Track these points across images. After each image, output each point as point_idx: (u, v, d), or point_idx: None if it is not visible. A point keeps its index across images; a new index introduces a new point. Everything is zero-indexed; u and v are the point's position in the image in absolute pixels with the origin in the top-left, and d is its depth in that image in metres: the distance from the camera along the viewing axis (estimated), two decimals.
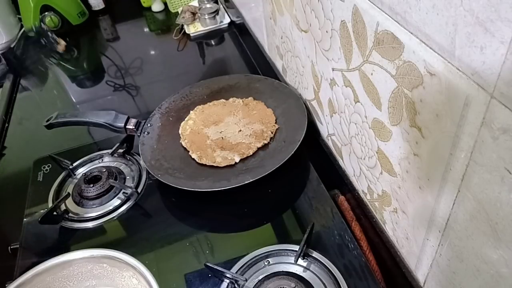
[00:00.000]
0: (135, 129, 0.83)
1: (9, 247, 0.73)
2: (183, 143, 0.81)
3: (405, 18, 0.38)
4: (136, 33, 1.42)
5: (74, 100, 1.15)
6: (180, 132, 0.84)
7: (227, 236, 0.70)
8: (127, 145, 0.85)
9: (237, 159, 0.75)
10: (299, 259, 0.60)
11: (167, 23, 1.41)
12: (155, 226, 0.72)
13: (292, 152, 0.71)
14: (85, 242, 0.71)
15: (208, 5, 1.26)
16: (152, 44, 1.36)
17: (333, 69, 0.60)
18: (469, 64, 0.32)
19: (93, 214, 0.74)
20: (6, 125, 1.07)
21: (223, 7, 1.32)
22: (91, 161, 0.85)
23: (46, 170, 0.85)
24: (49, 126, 0.83)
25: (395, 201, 0.53)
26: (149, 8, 1.47)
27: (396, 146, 0.48)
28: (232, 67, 1.16)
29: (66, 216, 0.75)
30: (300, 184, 0.74)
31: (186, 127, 0.84)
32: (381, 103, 0.48)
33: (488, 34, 0.29)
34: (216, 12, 1.25)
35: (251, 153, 0.76)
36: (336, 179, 0.72)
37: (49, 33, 0.79)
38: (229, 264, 0.61)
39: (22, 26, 1.41)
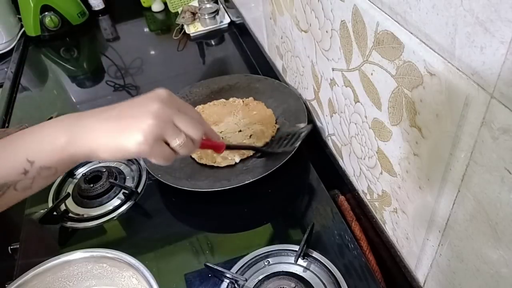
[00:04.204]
0: None
1: (9, 247, 0.73)
2: None
3: (405, 18, 0.38)
4: (136, 33, 1.42)
5: (74, 100, 1.15)
6: None
7: (227, 236, 0.70)
8: None
9: (237, 159, 0.75)
10: (299, 259, 0.60)
11: (167, 23, 1.41)
12: (155, 226, 0.72)
13: (292, 152, 0.71)
14: (85, 242, 0.71)
15: (208, 5, 1.26)
16: (152, 44, 1.36)
17: (333, 69, 0.60)
18: (469, 64, 0.32)
19: (93, 214, 0.74)
20: (6, 125, 1.07)
21: (223, 7, 1.32)
22: (91, 161, 0.85)
23: None
24: None
25: (395, 201, 0.53)
26: (149, 8, 1.47)
27: (396, 146, 0.48)
28: (232, 67, 1.16)
29: (66, 216, 0.75)
30: (300, 184, 0.74)
31: None
32: (381, 103, 0.48)
33: (488, 34, 0.29)
34: (216, 12, 1.24)
35: (252, 153, 0.76)
36: (336, 179, 0.72)
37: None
38: (229, 264, 0.61)
39: (22, 26, 1.41)
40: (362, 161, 0.60)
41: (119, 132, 0.42)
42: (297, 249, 0.60)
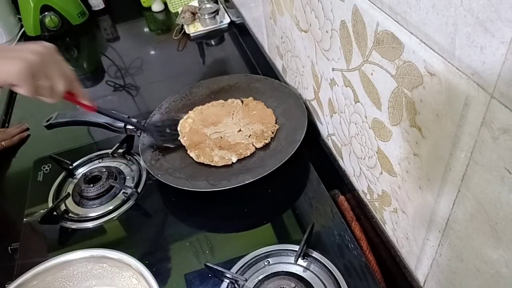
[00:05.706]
0: (135, 129, 0.83)
1: (9, 247, 0.73)
2: (182, 141, 0.81)
3: (405, 18, 0.38)
4: (136, 33, 1.42)
5: None
6: (179, 129, 0.84)
7: (227, 236, 0.70)
8: (127, 145, 0.85)
9: (234, 159, 0.75)
10: (299, 259, 0.60)
11: (167, 23, 1.41)
12: (155, 226, 0.72)
13: (292, 152, 0.71)
14: (85, 242, 0.71)
15: (208, 5, 1.26)
16: (152, 44, 1.36)
17: (333, 69, 0.60)
18: (469, 64, 0.32)
19: (93, 214, 0.74)
20: (6, 125, 1.07)
21: (223, 7, 1.32)
22: (91, 161, 0.85)
23: (46, 170, 0.85)
24: (49, 126, 0.83)
25: (395, 201, 0.53)
26: (149, 8, 1.47)
27: (396, 146, 0.48)
28: (232, 67, 1.16)
29: (66, 216, 0.75)
30: (300, 184, 0.74)
31: (185, 125, 0.84)
32: (381, 103, 0.48)
33: (488, 34, 0.29)
34: (216, 12, 1.25)
35: (249, 154, 0.76)
36: (336, 179, 0.72)
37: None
38: (229, 264, 0.61)
39: (22, 26, 1.41)
40: (362, 161, 0.60)
41: (5, 58, 0.54)
42: (297, 249, 0.60)
